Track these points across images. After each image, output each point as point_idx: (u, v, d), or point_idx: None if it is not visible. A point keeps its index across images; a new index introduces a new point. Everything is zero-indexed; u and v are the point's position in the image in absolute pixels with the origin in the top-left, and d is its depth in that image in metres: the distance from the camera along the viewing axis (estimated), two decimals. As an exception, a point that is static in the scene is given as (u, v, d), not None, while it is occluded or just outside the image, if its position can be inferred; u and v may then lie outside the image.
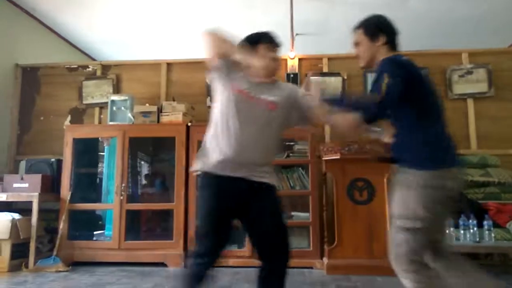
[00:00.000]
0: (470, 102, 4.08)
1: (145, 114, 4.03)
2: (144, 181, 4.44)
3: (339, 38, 4.94)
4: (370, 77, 4.16)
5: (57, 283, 3.02)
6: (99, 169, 4.27)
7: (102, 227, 4.12)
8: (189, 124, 3.87)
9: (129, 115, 4.01)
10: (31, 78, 4.57)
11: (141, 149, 4.37)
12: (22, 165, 4.15)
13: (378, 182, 3.38)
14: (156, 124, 4.00)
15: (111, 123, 4.03)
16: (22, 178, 3.80)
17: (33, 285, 2.96)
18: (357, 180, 3.41)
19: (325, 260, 3.39)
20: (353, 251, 3.32)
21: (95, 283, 3.00)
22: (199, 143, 3.84)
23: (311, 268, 3.45)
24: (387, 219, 3.34)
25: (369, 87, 4.18)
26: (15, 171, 4.27)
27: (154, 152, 4.48)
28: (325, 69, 4.30)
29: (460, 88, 4.09)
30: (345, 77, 4.21)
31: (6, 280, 3.12)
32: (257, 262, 1.75)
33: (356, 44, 1.87)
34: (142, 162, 4.52)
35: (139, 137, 3.99)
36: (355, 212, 3.38)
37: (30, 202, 3.67)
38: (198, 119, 4.15)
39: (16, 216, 3.63)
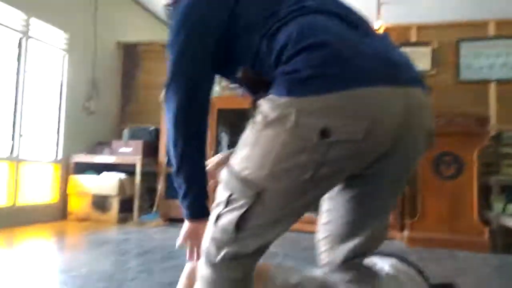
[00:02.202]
0: None
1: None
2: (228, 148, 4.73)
3: (429, 5, 4.70)
4: (466, 47, 3.92)
5: (159, 235, 3.46)
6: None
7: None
8: (273, 96, 4.02)
9: (217, 88, 4.28)
10: (131, 54, 5.05)
11: (227, 120, 4.61)
12: (126, 132, 4.69)
13: (467, 157, 3.26)
14: (242, 96, 4.23)
15: (201, 95, 4.34)
16: (126, 144, 4.31)
17: (139, 235, 3.43)
18: (444, 155, 3.32)
19: (406, 233, 3.40)
20: (435, 226, 3.29)
21: (190, 237, 3.39)
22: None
23: (392, 240, 3.49)
24: (474, 195, 3.23)
25: (463, 58, 3.99)
26: (119, 138, 4.83)
27: (240, 124, 4.71)
28: (414, 39, 4.13)
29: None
30: (436, 47, 4.02)
31: (117, 231, 3.65)
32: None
33: None
34: (227, 134, 4.79)
35: (226, 109, 4.24)
36: (440, 187, 3.31)
37: (133, 165, 4.18)
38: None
39: (122, 176, 4.16)
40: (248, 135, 0.83)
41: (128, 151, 4.26)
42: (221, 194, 0.83)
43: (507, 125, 3.79)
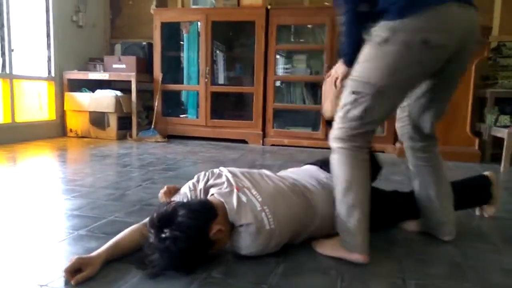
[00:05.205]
0: None
1: (226, -3, 4.06)
2: (224, 66, 4.65)
3: None
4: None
5: (159, 150, 3.55)
6: (181, 54, 4.50)
7: (185, 112, 4.49)
8: (269, 7, 3.85)
9: (212, -1, 4.07)
10: (116, -38, 4.70)
11: (221, 34, 4.48)
12: (118, 48, 4.55)
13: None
14: (236, 7, 4.04)
15: (194, 6, 4.15)
16: (119, 60, 4.21)
17: (139, 150, 3.52)
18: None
19: (398, 145, 3.51)
20: (428, 138, 3.37)
21: (189, 151, 3.49)
22: (278, 27, 3.88)
23: (383, 152, 3.61)
24: (468, 108, 3.28)
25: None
26: (111, 53, 4.70)
27: (234, 37, 4.58)
28: None
29: None
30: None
31: (117, 146, 3.73)
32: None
33: None
34: (222, 47, 4.67)
35: (219, 21, 4.08)
36: (435, 100, 3.34)
37: (127, 82, 4.13)
38: (278, 2, 4.09)
39: (118, 93, 4.13)
40: (367, 52, 1.19)
41: (122, 68, 4.18)
42: (347, 98, 1.23)
43: (510, 35, 3.72)
